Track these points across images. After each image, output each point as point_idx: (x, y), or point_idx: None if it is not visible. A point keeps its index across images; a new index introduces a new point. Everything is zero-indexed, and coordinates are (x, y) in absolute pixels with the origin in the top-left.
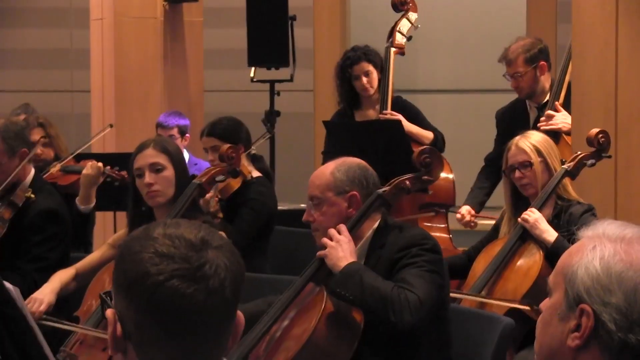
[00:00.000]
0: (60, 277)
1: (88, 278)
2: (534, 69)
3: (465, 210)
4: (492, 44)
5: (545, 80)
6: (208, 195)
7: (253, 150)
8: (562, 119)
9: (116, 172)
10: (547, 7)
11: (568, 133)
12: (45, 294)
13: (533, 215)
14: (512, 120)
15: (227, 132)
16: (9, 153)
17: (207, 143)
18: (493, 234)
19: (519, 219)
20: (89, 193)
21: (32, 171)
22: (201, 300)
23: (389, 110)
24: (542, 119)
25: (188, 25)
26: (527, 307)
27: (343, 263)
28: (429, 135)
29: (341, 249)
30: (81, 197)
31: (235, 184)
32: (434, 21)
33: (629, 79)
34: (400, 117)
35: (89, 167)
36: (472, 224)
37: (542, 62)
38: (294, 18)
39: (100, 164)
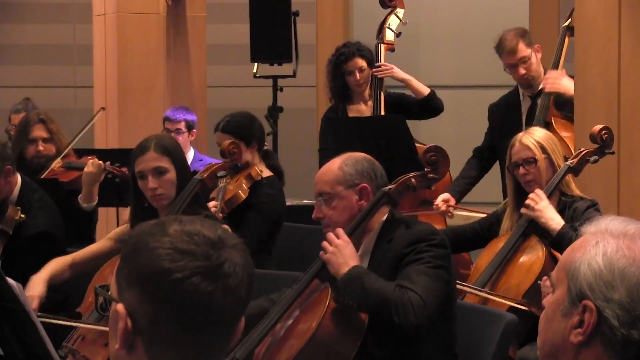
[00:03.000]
0: (52, 267)
1: (84, 268)
2: (534, 51)
3: (441, 199)
4: (495, 39)
5: (540, 66)
6: (212, 210)
7: (266, 146)
8: (568, 83)
9: (116, 168)
10: (549, 3)
11: (570, 100)
12: (35, 288)
13: (540, 203)
14: (505, 111)
15: (240, 129)
16: None
17: (220, 138)
18: (493, 219)
19: (522, 210)
20: (91, 191)
21: (19, 181)
22: (220, 298)
23: (382, 62)
24: (548, 75)
25: (191, 21)
26: (524, 307)
27: (344, 269)
28: (425, 88)
29: (340, 255)
30: (84, 195)
31: (243, 194)
32: (436, 17)
33: (632, 74)
34: (392, 66)
35: (90, 165)
36: (449, 214)
37: (536, 45)
38: (296, 14)
39: (101, 162)
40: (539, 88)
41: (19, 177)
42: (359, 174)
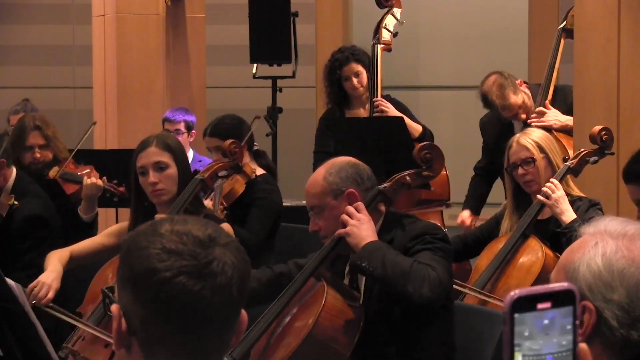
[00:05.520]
0: (60, 260)
1: (80, 263)
2: (521, 91)
3: (467, 214)
4: (494, 40)
5: (530, 97)
6: (209, 203)
7: (256, 146)
8: (553, 117)
9: (114, 186)
10: (549, 3)
11: (558, 130)
12: (53, 279)
13: (557, 193)
14: (499, 131)
15: (229, 131)
16: None
17: (210, 143)
18: (493, 223)
19: (538, 196)
20: (91, 204)
21: (14, 173)
22: (208, 297)
23: (379, 98)
24: (533, 115)
25: (190, 22)
26: None
27: (366, 241)
28: (418, 127)
29: (364, 228)
30: (83, 208)
31: (240, 188)
32: (436, 17)
33: (631, 74)
34: (390, 105)
35: (89, 188)
36: (473, 228)
37: (518, 81)
38: (296, 14)
39: (99, 182)
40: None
41: (14, 170)
42: (344, 181)
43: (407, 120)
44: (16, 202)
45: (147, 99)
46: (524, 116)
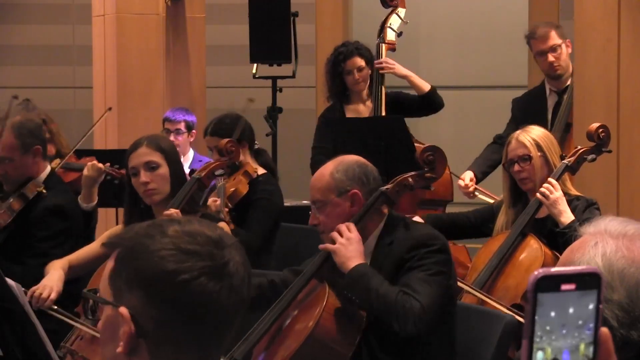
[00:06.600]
0: (62, 267)
1: (80, 272)
2: (564, 43)
3: (469, 176)
4: (494, 40)
5: (569, 62)
6: (215, 205)
7: (257, 145)
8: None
9: (115, 170)
10: (549, 4)
11: None
12: (55, 282)
13: (555, 193)
14: (529, 104)
15: (229, 130)
16: (22, 150)
17: (211, 142)
18: (489, 213)
19: (537, 194)
20: (91, 192)
21: (48, 168)
22: (225, 298)
23: (383, 59)
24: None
25: (190, 22)
26: (518, 317)
27: (352, 263)
28: (426, 84)
29: (351, 248)
30: (83, 196)
31: (243, 189)
32: (436, 18)
33: (631, 75)
34: (394, 63)
35: (90, 169)
36: (472, 195)
37: (567, 39)
38: (296, 14)
39: (100, 165)
40: (566, 84)
41: (48, 166)
42: (350, 180)
43: (415, 78)
44: (44, 191)
45: (147, 99)
46: (552, 59)
